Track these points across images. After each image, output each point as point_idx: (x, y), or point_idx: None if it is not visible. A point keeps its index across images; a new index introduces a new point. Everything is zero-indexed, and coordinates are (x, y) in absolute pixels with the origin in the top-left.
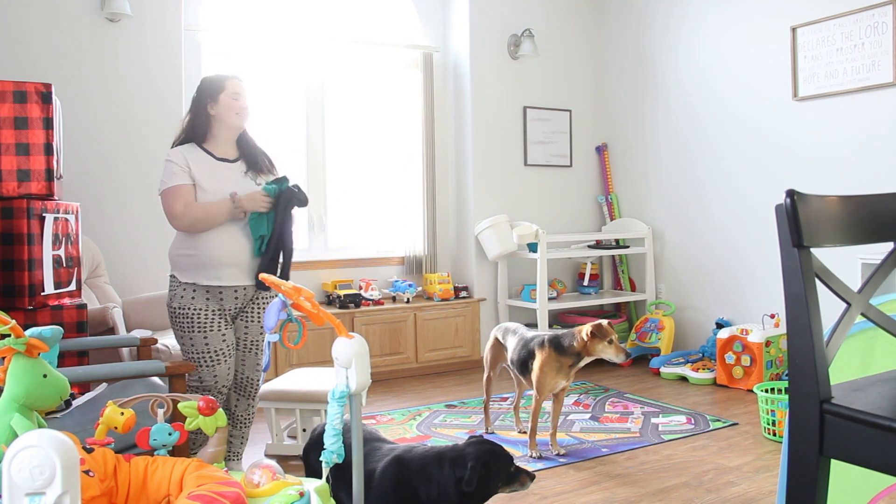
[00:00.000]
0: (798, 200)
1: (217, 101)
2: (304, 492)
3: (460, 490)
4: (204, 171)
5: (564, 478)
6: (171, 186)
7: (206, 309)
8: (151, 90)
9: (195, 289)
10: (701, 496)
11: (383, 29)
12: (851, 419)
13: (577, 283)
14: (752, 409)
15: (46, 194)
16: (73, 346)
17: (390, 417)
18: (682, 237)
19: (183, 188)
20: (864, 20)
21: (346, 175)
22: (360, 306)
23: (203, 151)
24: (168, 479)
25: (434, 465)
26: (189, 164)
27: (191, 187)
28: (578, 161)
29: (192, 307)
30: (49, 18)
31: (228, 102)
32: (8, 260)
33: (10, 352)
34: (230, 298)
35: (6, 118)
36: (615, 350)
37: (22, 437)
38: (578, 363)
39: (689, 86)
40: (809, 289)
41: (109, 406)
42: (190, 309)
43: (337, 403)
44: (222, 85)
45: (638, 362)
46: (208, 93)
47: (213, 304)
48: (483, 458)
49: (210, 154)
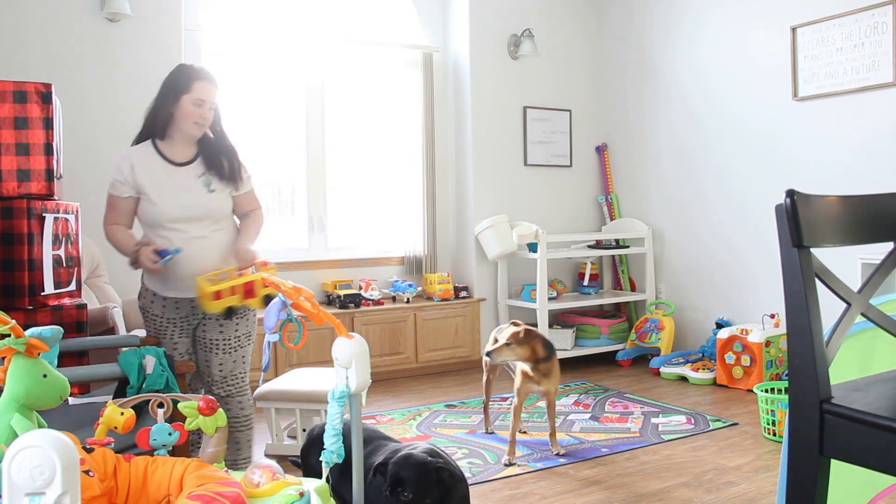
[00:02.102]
0: (798, 200)
1: (179, 102)
2: (304, 492)
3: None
4: (153, 178)
5: (564, 478)
6: (109, 194)
7: (162, 316)
8: (151, 90)
9: (154, 298)
10: (701, 496)
11: (383, 29)
12: (851, 419)
13: (577, 283)
14: (752, 409)
15: (46, 194)
16: (73, 346)
17: (390, 417)
18: (682, 237)
19: (117, 202)
20: (864, 20)
21: (345, 175)
22: (360, 306)
23: (156, 154)
24: (168, 479)
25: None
26: (136, 173)
27: (127, 202)
28: (578, 161)
29: (156, 314)
30: (49, 18)
31: (188, 109)
32: (8, 260)
33: (10, 352)
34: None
35: (6, 118)
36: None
37: (22, 437)
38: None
39: (689, 86)
40: (809, 289)
41: (109, 406)
42: (157, 315)
43: (337, 403)
44: (188, 85)
45: (638, 362)
46: (172, 89)
47: (170, 313)
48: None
49: (163, 157)
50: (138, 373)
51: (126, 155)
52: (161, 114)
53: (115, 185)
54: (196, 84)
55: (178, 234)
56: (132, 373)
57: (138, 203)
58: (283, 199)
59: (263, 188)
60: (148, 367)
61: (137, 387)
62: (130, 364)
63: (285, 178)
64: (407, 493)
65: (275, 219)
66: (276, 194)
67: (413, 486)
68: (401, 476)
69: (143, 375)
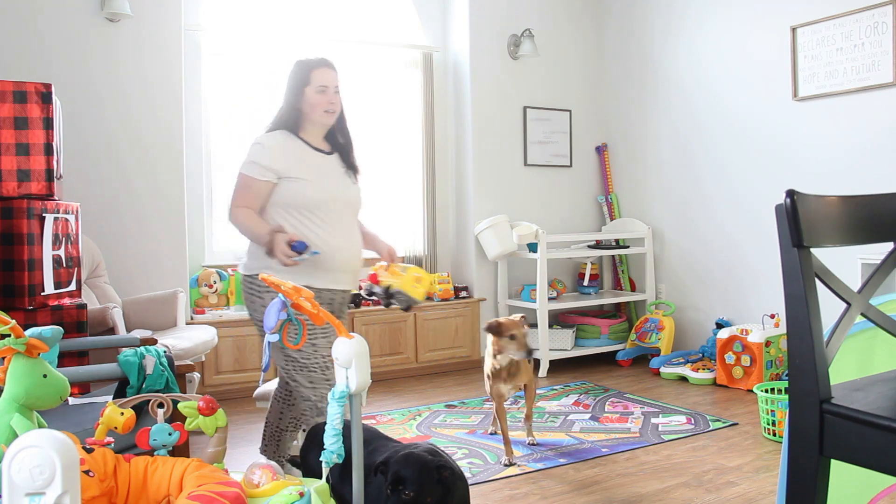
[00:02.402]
0: (798, 200)
1: (303, 95)
2: (304, 492)
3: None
4: (302, 161)
5: (564, 478)
6: (244, 175)
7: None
8: (151, 90)
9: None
10: (701, 496)
11: (383, 29)
12: (851, 419)
13: (577, 283)
14: (752, 409)
15: (46, 194)
16: (73, 346)
17: (390, 417)
18: (682, 237)
19: (254, 184)
20: (864, 20)
21: None
22: (360, 306)
23: (300, 140)
24: (168, 479)
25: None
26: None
27: (265, 185)
28: (578, 161)
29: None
30: (49, 18)
31: (314, 99)
32: (8, 260)
33: (10, 352)
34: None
35: (6, 118)
36: (517, 346)
37: (22, 437)
38: (504, 364)
39: (689, 86)
40: (809, 289)
41: (109, 406)
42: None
43: (337, 403)
44: (307, 77)
45: (638, 362)
46: (295, 85)
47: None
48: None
49: (305, 143)
50: (138, 373)
51: (267, 138)
52: (290, 112)
53: (254, 166)
54: (314, 73)
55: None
56: (132, 373)
57: (273, 189)
58: None
59: None
60: (148, 367)
61: (137, 387)
62: (130, 364)
63: None
64: (408, 492)
65: None
66: None
67: (414, 485)
68: (402, 475)
69: (143, 375)
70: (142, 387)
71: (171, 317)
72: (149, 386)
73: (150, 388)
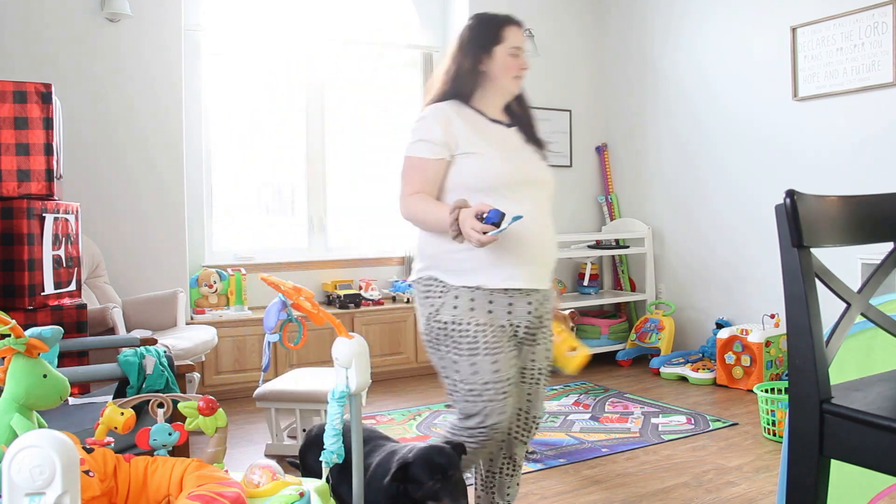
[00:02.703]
0: (798, 200)
1: (492, 55)
2: (304, 492)
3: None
4: (482, 134)
5: (564, 478)
6: (414, 157)
7: (490, 324)
8: (151, 90)
9: (474, 296)
10: (701, 496)
11: (383, 29)
12: (851, 419)
13: (577, 283)
14: (752, 409)
15: (46, 194)
16: (73, 346)
17: (390, 417)
18: (682, 237)
19: (427, 165)
20: (864, 20)
21: (345, 175)
22: (360, 306)
23: (474, 110)
24: (168, 479)
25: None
26: (456, 127)
27: (439, 164)
28: (578, 161)
29: (472, 321)
30: (49, 19)
31: (505, 62)
32: (8, 260)
33: (10, 352)
34: (521, 306)
35: (6, 118)
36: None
37: (22, 437)
38: None
39: (689, 86)
40: (809, 289)
41: (109, 406)
42: (472, 324)
43: (337, 403)
44: (499, 35)
45: (638, 362)
46: (480, 42)
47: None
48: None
49: (481, 113)
50: (138, 373)
51: (434, 110)
52: (467, 76)
53: (423, 145)
54: (507, 31)
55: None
56: (132, 373)
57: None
58: (284, 199)
59: (263, 188)
60: (148, 368)
61: (137, 387)
62: (130, 364)
63: (285, 179)
64: (452, 472)
65: (275, 219)
66: (276, 194)
67: (456, 464)
68: (437, 462)
69: (143, 375)
70: (142, 387)
71: (171, 317)
72: (149, 386)
73: (150, 388)
